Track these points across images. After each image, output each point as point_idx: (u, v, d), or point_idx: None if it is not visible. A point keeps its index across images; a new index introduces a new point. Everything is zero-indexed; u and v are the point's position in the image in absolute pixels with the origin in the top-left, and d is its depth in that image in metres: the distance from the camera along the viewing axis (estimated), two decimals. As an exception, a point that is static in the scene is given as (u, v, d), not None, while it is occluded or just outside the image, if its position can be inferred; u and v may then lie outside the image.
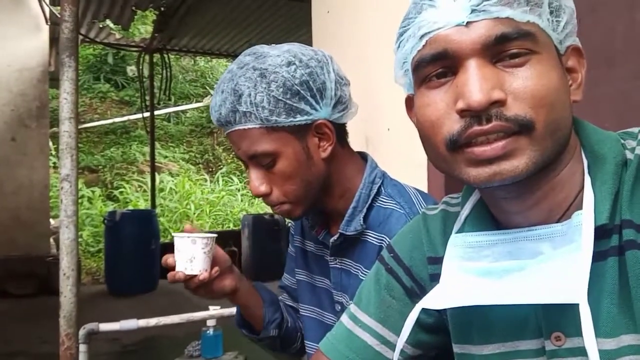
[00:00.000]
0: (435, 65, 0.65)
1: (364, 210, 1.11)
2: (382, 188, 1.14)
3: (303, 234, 1.28)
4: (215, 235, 1.11)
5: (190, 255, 1.07)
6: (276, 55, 1.06)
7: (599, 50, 1.20)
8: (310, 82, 1.05)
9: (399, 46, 0.71)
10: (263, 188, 1.07)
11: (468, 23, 0.63)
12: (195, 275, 1.08)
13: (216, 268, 1.11)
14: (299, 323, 1.33)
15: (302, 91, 1.04)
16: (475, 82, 0.61)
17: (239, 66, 1.06)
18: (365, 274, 1.08)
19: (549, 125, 0.62)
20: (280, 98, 1.03)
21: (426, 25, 0.66)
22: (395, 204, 1.10)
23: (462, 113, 0.62)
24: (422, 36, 0.66)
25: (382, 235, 1.08)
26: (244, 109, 1.02)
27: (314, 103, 1.06)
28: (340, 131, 1.13)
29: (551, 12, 0.65)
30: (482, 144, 0.62)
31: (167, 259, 1.11)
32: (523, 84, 0.62)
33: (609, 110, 1.19)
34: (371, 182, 1.13)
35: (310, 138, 1.07)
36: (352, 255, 1.12)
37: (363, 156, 1.20)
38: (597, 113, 0.98)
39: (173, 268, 1.10)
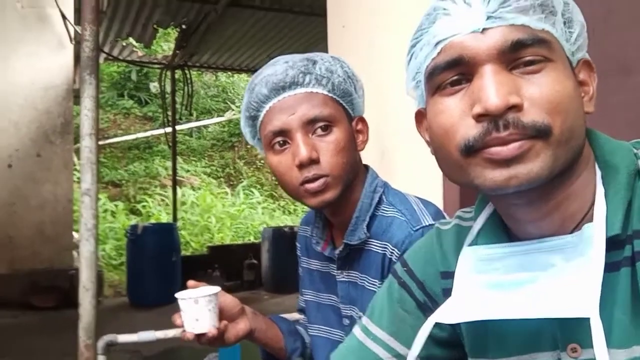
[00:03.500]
0: (450, 72, 0.65)
1: (367, 219, 1.11)
2: (384, 197, 1.14)
3: (308, 254, 1.29)
4: (219, 289, 1.10)
5: (195, 316, 1.06)
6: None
7: (613, 59, 1.19)
8: (357, 78, 1.15)
9: (411, 57, 0.72)
10: (315, 153, 1.05)
11: (484, 29, 0.63)
12: (205, 334, 1.07)
13: (224, 322, 1.10)
14: None
15: (358, 82, 1.14)
16: (492, 87, 0.61)
17: (299, 55, 1.13)
18: (371, 284, 1.08)
19: (565, 132, 0.62)
20: (350, 75, 1.12)
21: (441, 33, 0.66)
22: (396, 211, 1.11)
23: (479, 118, 0.62)
24: (437, 43, 0.66)
25: (385, 243, 1.09)
26: (319, 73, 1.08)
27: (361, 95, 1.15)
28: None
29: (564, 23, 0.65)
30: (499, 145, 0.61)
31: (176, 319, 1.10)
32: (539, 90, 0.62)
33: (624, 119, 1.18)
34: (372, 192, 1.14)
35: (354, 126, 1.13)
36: (357, 266, 1.13)
37: (365, 167, 1.20)
38: (612, 122, 0.97)
39: (183, 327, 1.09)
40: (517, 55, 0.63)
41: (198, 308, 1.06)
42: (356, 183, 1.13)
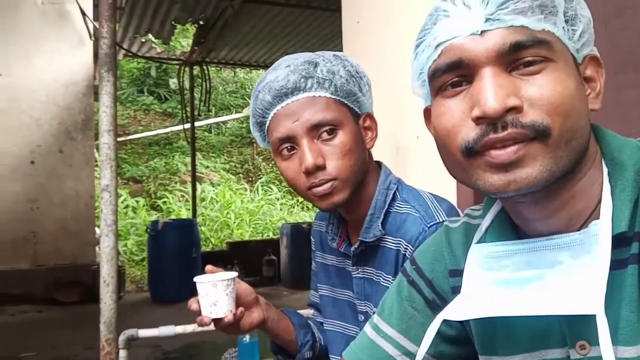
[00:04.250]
0: (451, 74, 0.66)
1: (381, 216, 1.12)
2: (397, 193, 1.15)
3: (323, 249, 1.30)
4: (236, 274, 1.11)
5: (214, 300, 1.06)
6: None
7: (626, 55, 1.17)
8: (366, 78, 1.14)
9: (415, 57, 0.72)
10: (320, 159, 1.05)
11: (483, 32, 0.63)
12: (222, 319, 1.07)
13: (241, 309, 1.10)
14: None
15: (363, 79, 1.13)
16: (491, 90, 0.61)
17: (299, 55, 1.13)
18: (386, 280, 1.08)
19: (565, 133, 0.62)
20: (353, 74, 1.10)
21: (441, 35, 0.66)
22: (410, 208, 1.11)
23: (477, 120, 0.62)
24: (438, 46, 0.66)
25: (399, 240, 1.09)
26: (320, 75, 1.07)
27: (368, 96, 1.14)
28: None
29: (567, 21, 0.65)
30: (498, 148, 0.62)
31: (192, 304, 1.10)
32: (539, 91, 0.61)
33: (637, 115, 1.16)
34: (386, 189, 1.14)
35: (361, 124, 1.12)
36: (372, 263, 1.13)
37: (378, 164, 1.21)
38: (624, 118, 0.95)
39: (199, 313, 1.09)
40: (517, 56, 0.62)
41: (216, 292, 1.06)
42: (368, 180, 1.14)
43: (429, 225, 1.07)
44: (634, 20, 1.20)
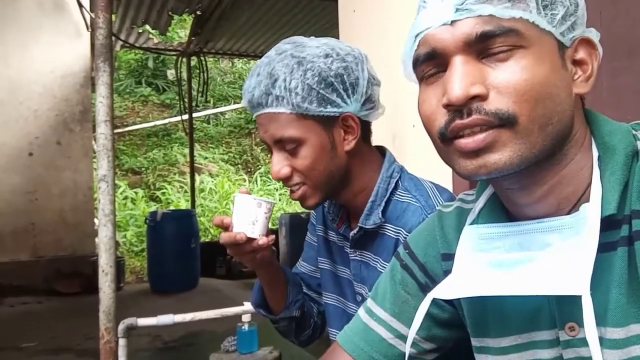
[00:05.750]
0: (429, 64, 0.68)
1: (382, 204, 1.12)
2: (400, 182, 1.15)
3: (325, 224, 1.31)
4: (275, 202, 1.12)
5: (254, 218, 1.05)
6: (315, 47, 1.10)
7: (621, 41, 1.17)
8: (345, 76, 1.08)
9: (404, 46, 0.74)
10: (284, 171, 1.10)
11: (453, 22, 0.65)
12: (254, 240, 1.07)
13: (272, 236, 1.11)
14: (313, 310, 1.35)
15: (335, 83, 1.07)
16: (457, 78, 0.63)
17: (277, 52, 1.10)
18: (383, 266, 1.10)
19: (536, 120, 0.63)
20: (314, 87, 1.06)
21: (418, 26, 0.68)
22: (411, 197, 1.12)
23: (446, 107, 0.65)
24: (416, 36, 0.69)
25: (399, 228, 1.10)
26: (277, 93, 1.06)
27: (345, 97, 1.09)
28: (365, 128, 1.16)
29: (545, 6, 0.65)
30: (466, 136, 0.64)
31: (223, 218, 1.10)
32: (506, 79, 0.63)
33: (631, 101, 1.17)
34: (389, 177, 1.15)
35: (337, 130, 1.10)
36: (371, 248, 1.14)
37: (382, 151, 1.21)
38: (619, 104, 0.96)
39: (226, 228, 1.09)
40: (486, 45, 0.64)
41: (259, 212, 1.06)
42: (366, 170, 1.15)
43: (429, 215, 1.07)
44: (628, 6, 1.20)
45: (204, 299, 5.84)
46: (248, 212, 1.06)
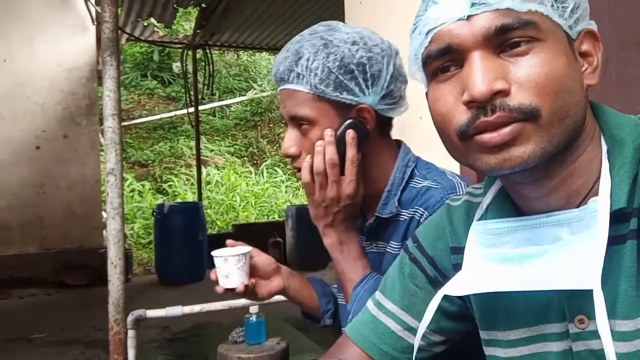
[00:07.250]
0: (442, 60, 0.67)
1: (398, 193, 1.13)
2: (416, 171, 1.15)
3: None
4: (249, 249, 1.21)
5: (226, 272, 1.17)
6: (345, 32, 1.10)
7: (630, 32, 1.16)
8: (367, 66, 1.08)
9: (410, 43, 0.73)
10: (292, 149, 1.11)
11: (469, 17, 0.64)
12: (234, 288, 1.18)
13: (252, 280, 1.19)
14: None
15: (356, 72, 1.07)
16: (478, 74, 0.62)
17: (310, 32, 1.12)
18: (391, 248, 1.11)
19: (556, 113, 0.62)
20: (333, 70, 1.06)
21: (431, 22, 0.67)
22: (430, 181, 1.12)
23: (468, 105, 0.64)
24: (428, 32, 0.68)
25: (416, 208, 1.09)
26: (299, 71, 1.07)
27: (364, 87, 1.08)
28: (384, 121, 1.15)
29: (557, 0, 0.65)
30: (490, 131, 0.63)
31: (211, 275, 1.21)
32: (527, 73, 0.62)
33: (640, 92, 1.16)
34: (404, 166, 1.15)
35: (354, 116, 1.10)
36: (384, 236, 1.15)
37: (398, 143, 1.22)
38: (629, 95, 0.95)
39: (217, 282, 1.20)
40: (504, 39, 0.63)
41: (227, 266, 1.17)
42: (382, 159, 1.15)
43: (448, 194, 1.06)
44: (637, -2, 1.19)
45: (211, 290, 5.86)
46: (220, 267, 1.18)
